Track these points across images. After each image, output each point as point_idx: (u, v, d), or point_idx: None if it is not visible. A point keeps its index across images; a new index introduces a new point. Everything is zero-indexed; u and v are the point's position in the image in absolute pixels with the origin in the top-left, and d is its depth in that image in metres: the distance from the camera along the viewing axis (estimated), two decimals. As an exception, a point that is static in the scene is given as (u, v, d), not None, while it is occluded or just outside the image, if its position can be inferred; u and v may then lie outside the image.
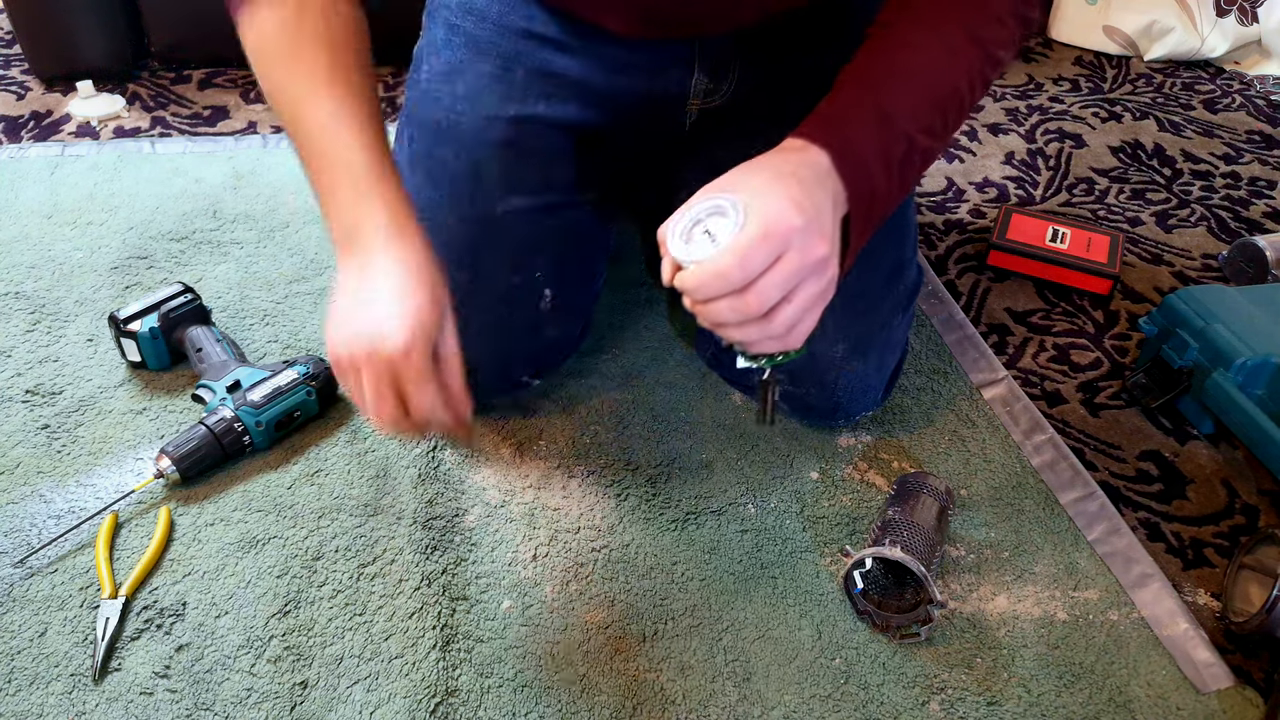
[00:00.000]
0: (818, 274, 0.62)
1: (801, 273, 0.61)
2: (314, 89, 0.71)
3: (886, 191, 0.70)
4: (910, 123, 0.69)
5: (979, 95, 0.75)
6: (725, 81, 0.93)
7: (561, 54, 0.91)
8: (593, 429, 0.99)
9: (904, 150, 0.69)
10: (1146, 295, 1.25)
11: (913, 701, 0.76)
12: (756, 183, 0.62)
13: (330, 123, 0.70)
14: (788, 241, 0.60)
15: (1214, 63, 1.87)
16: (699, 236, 0.61)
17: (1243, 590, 0.85)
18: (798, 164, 0.65)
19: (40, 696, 0.73)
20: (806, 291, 0.62)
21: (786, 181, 0.62)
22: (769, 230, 0.59)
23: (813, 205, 0.62)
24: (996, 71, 0.74)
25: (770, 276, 0.60)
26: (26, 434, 0.94)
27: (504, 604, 0.82)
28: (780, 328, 0.62)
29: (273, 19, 0.72)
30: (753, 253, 0.59)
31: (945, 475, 0.96)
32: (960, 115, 0.74)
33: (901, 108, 0.69)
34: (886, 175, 0.69)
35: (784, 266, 0.60)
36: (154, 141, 1.41)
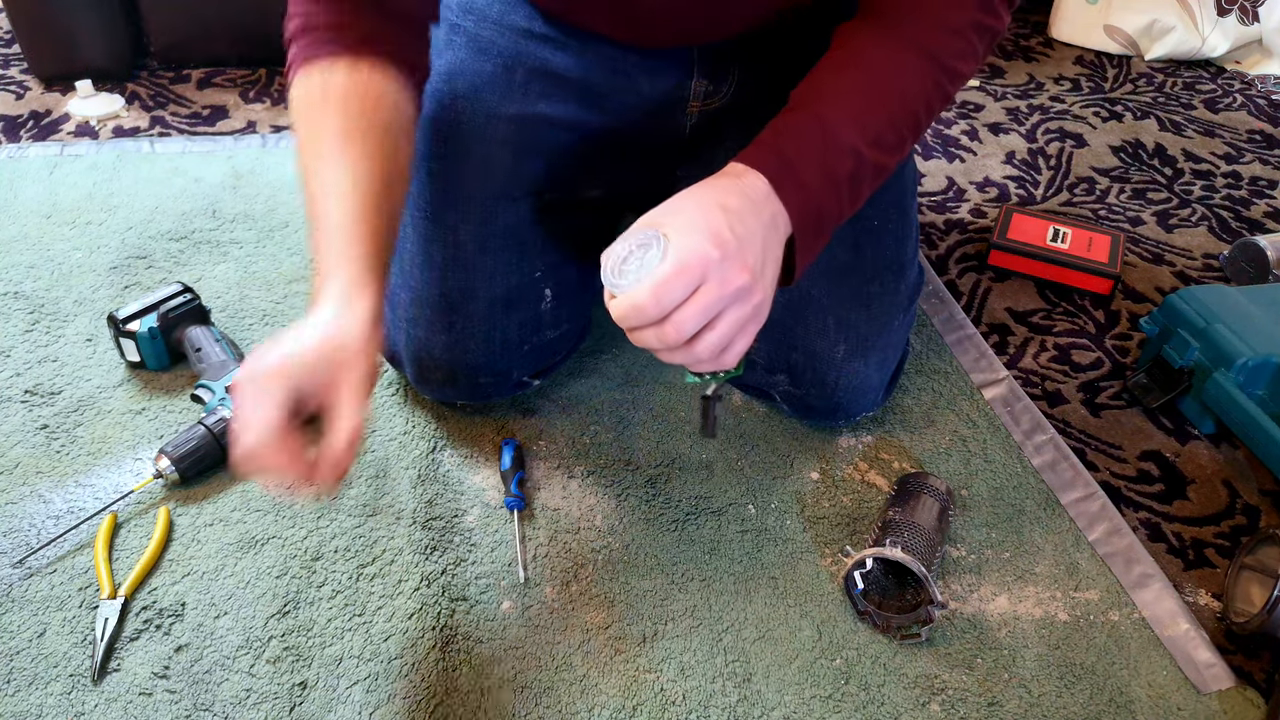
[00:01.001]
0: (740, 301, 0.64)
1: (721, 302, 0.62)
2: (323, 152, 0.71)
3: (835, 208, 0.71)
4: (857, 137, 0.70)
5: (938, 108, 0.75)
6: (725, 84, 0.93)
7: (562, 54, 0.90)
8: (593, 429, 0.98)
9: (851, 166, 0.70)
10: (1147, 295, 1.24)
11: (913, 702, 0.76)
12: (683, 218, 0.64)
13: (328, 187, 0.70)
14: (704, 274, 0.61)
15: (1215, 62, 1.87)
16: (629, 267, 0.63)
17: (1244, 591, 0.85)
18: (729, 190, 0.66)
19: (39, 697, 0.73)
20: (729, 318, 0.64)
21: (711, 213, 0.64)
22: (684, 265, 0.61)
23: (734, 236, 0.63)
24: (957, 84, 0.75)
25: (686, 309, 0.62)
26: (25, 434, 0.94)
27: (503, 604, 0.82)
28: (705, 353, 0.64)
29: (317, 81, 0.73)
30: (667, 288, 0.61)
31: (946, 475, 0.96)
32: (916, 129, 0.75)
33: (846, 124, 0.70)
34: (834, 193, 0.70)
35: (701, 298, 0.62)
36: (153, 141, 1.41)
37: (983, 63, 0.79)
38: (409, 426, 0.97)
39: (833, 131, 0.69)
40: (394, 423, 0.97)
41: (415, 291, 0.90)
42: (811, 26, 0.90)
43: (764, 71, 0.93)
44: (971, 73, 0.76)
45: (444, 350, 0.91)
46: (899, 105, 0.72)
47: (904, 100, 0.72)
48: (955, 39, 0.73)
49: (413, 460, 0.93)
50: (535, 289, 0.92)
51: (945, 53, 0.73)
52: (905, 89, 0.72)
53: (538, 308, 0.93)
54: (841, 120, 0.70)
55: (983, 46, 0.75)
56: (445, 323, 0.90)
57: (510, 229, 0.90)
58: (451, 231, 0.89)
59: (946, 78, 0.74)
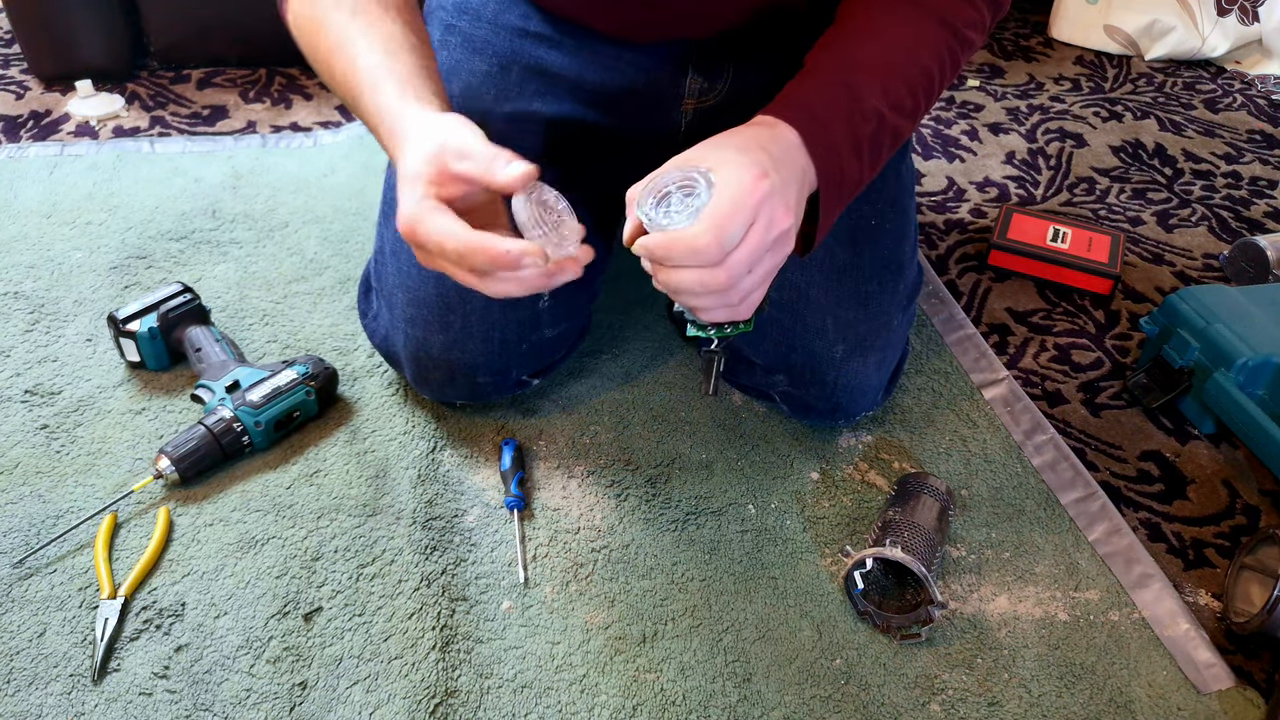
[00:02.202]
0: (779, 247, 0.63)
1: (765, 245, 0.62)
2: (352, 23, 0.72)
3: (856, 170, 0.71)
4: (879, 100, 0.70)
5: (950, 76, 0.76)
6: (720, 81, 0.93)
7: (556, 52, 0.90)
8: (593, 429, 0.98)
9: (873, 129, 0.70)
10: (1147, 295, 1.24)
11: (913, 702, 0.76)
12: (726, 154, 0.63)
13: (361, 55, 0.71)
14: (756, 212, 0.61)
15: (1215, 62, 1.87)
16: (673, 205, 0.62)
17: (1244, 591, 0.85)
18: (767, 139, 0.66)
19: (39, 697, 0.73)
20: (766, 264, 0.63)
21: (755, 152, 0.63)
22: (740, 202, 0.60)
23: (780, 177, 0.63)
24: (967, 52, 0.76)
25: (739, 252, 0.61)
26: (25, 434, 0.94)
27: (503, 604, 0.82)
28: (737, 298, 0.63)
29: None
30: (728, 227, 0.60)
31: (946, 475, 0.96)
32: (931, 95, 0.75)
33: (870, 86, 0.70)
34: (855, 154, 0.70)
35: (751, 240, 0.61)
36: (153, 141, 1.41)
37: (988, 36, 0.80)
38: (409, 426, 0.97)
39: (857, 93, 0.69)
40: (394, 423, 0.97)
41: (413, 291, 0.90)
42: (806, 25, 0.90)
43: (759, 69, 0.93)
44: (980, 43, 0.77)
45: (442, 350, 0.91)
46: (917, 70, 0.72)
47: (921, 65, 0.73)
48: (968, 8, 0.74)
49: (413, 460, 0.93)
50: (534, 288, 0.92)
51: (959, 21, 0.73)
52: (922, 54, 0.72)
53: (535, 306, 0.93)
54: (865, 83, 0.70)
55: (990, 18, 0.76)
56: (443, 322, 0.90)
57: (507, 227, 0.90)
58: None
59: (959, 45, 0.74)
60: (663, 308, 1.14)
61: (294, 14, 0.77)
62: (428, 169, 0.63)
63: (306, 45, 0.76)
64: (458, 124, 0.65)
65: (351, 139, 1.43)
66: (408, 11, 0.74)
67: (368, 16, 0.72)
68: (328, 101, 1.56)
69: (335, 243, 1.21)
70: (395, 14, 0.73)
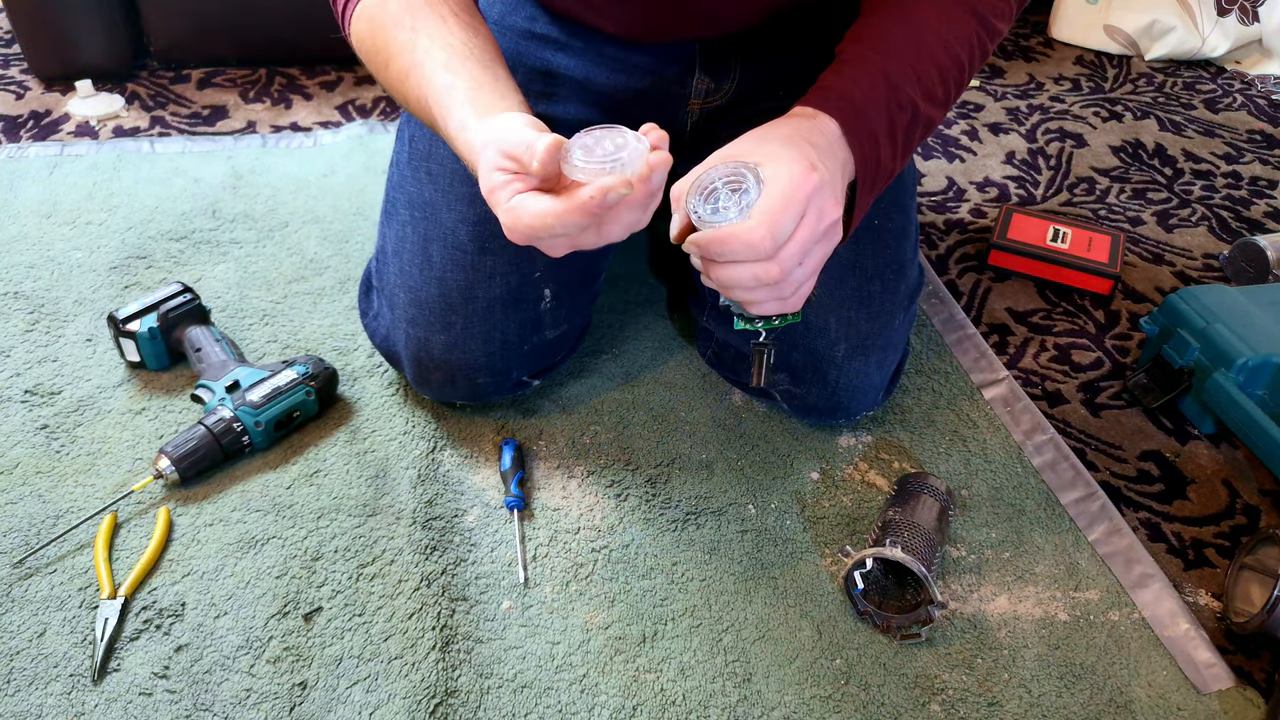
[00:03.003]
0: (829, 238, 0.64)
1: (816, 237, 0.62)
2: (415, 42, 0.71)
3: (890, 159, 0.71)
4: (914, 89, 0.70)
5: (978, 65, 0.76)
6: (727, 81, 0.93)
7: (563, 54, 0.90)
8: (593, 429, 0.98)
9: (908, 119, 0.70)
10: (1147, 295, 1.24)
11: (913, 702, 0.76)
12: (772, 148, 0.63)
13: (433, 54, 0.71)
14: (807, 204, 0.61)
15: (1215, 62, 1.87)
16: (722, 201, 0.62)
17: (1244, 590, 0.85)
18: (810, 130, 0.66)
19: (39, 697, 0.73)
20: (816, 255, 0.64)
21: (801, 145, 0.63)
22: (791, 195, 0.60)
23: (826, 168, 0.63)
24: (994, 42, 0.76)
25: (791, 244, 0.62)
26: (25, 434, 0.94)
27: (504, 604, 0.82)
28: (789, 290, 0.64)
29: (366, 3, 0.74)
30: (780, 220, 0.60)
31: (946, 475, 0.96)
32: (960, 85, 0.75)
33: (905, 75, 0.70)
34: (891, 143, 0.70)
35: (802, 232, 0.62)
36: (153, 141, 1.41)
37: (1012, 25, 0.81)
38: (409, 426, 0.97)
39: (895, 83, 0.69)
40: (394, 423, 0.97)
41: (414, 292, 0.90)
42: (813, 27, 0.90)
43: (765, 69, 0.93)
44: (1005, 33, 0.77)
45: (443, 350, 0.91)
46: (949, 59, 0.73)
47: (953, 54, 0.73)
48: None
49: (413, 460, 0.93)
50: (535, 289, 0.92)
51: (988, 11, 0.74)
52: (953, 43, 0.73)
53: (537, 308, 0.93)
54: (901, 72, 0.70)
55: (1016, 8, 0.76)
56: (444, 323, 0.90)
57: None
58: (451, 232, 0.89)
59: (988, 35, 0.74)
60: (664, 308, 1.14)
61: (357, 37, 0.76)
62: (498, 178, 0.63)
63: (374, 69, 0.76)
64: (505, 125, 0.64)
65: (351, 139, 1.43)
66: (465, 13, 0.74)
67: (428, 33, 0.71)
68: (328, 101, 1.56)
69: (335, 243, 1.21)
70: (454, 21, 0.72)
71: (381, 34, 0.73)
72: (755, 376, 0.74)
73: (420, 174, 0.91)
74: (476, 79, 0.69)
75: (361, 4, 0.75)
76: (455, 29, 0.72)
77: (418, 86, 0.71)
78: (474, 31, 0.73)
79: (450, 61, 0.70)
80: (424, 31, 0.71)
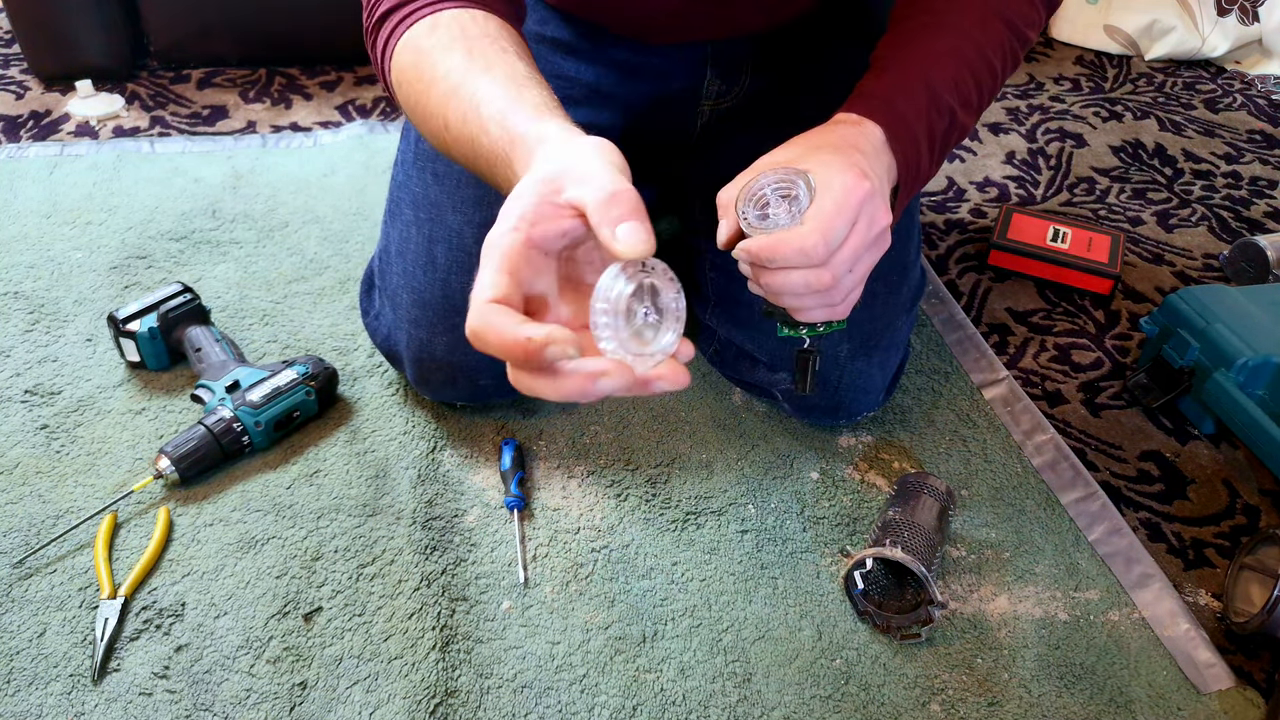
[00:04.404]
0: (878, 244, 0.64)
1: (867, 244, 0.62)
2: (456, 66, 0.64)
3: (929, 166, 0.71)
4: (953, 97, 0.70)
5: (1009, 73, 0.76)
6: (737, 84, 0.93)
7: (573, 58, 0.90)
8: (593, 429, 0.98)
9: (946, 125, 0.71)
10: (1147, 295, 1.24)
11: (913, 702, 0.76)
12: (823, 156, 0.63)
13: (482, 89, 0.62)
14: (858, 212, 0.61)
15: (1215, 62, 1.87)
16: (773, 209, 0.62)
17: (1244, 590, 0.85)
18: (857, 137, 0.66)
19: (39, 697, 0.73)
20: (866, 262, 0.64)
21: (850, 153, 0.63)
22: (843, 203, 0.60)
23: (876, 176, 0.63)
24: (1025, 49, 0.76)
25: (843, 251, 0.61)
26: (25, 434, 0.94)
27: (503, 604, 0.82)
28: (839, 297, 0.63)
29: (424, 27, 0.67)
30: (834, 227, 0.60)
31: (946, 475, 0.96)
32: (993, 92, 0.75)
33: (945, 83, 0.70)
34: (930, 150, 0.70)
35: (854, 239, 0.61)
36: (153, 141, 1.41)
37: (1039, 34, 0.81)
38: (409, 426, 0.97)
39: (935, 90, 0.69)
40: (394, 423, 0.97)
41: (418, 293, 0.90)
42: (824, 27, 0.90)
43: (776, 73, 0.93)
44: (1034, 41, 0.77)
45: (446, 351, 0.91)
46: (984, 67, 0.73)
47: (988, 63, 0.73)
48: (1027, 6, 0.74)
49: (413, 460, 0.93)
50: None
51: (1019, 19, 0.74)
52: (987, 51, 0.73)
53: (540, 310, 0.93)
54: (941, 79, 0.70)
55: (1045, 16, 0.76)
56: (447, 324, 0.90)
57: None
58: (456, 234, 0.89)
59: (1019, 43, 0.75)
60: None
61: (398, 68, 0.69)
62: (530, 197, 0.52)
63: (413, 100, 0.68)
64: (595, 147, 0.53)
65: (351, 139, 1.43)
66: (526, 52, 0.67)
67: (485, 58, 0.64)
68: (328, 101, 1.56)
69: (335, 243, 1.21)
70: (516, 52, 0.65)
71: (428, 59, 0.66)
72: (800, 384, 0.73)
73: (426, 174, 0.91)
74: (543, 100, 0.60)
75: (410, 33, 0.67)
76: (517, 61, 0.64)
77: (467, 100, 0.61)
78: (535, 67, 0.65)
79: (515, 79, 0.61)
80: (480, 56, 0.64)
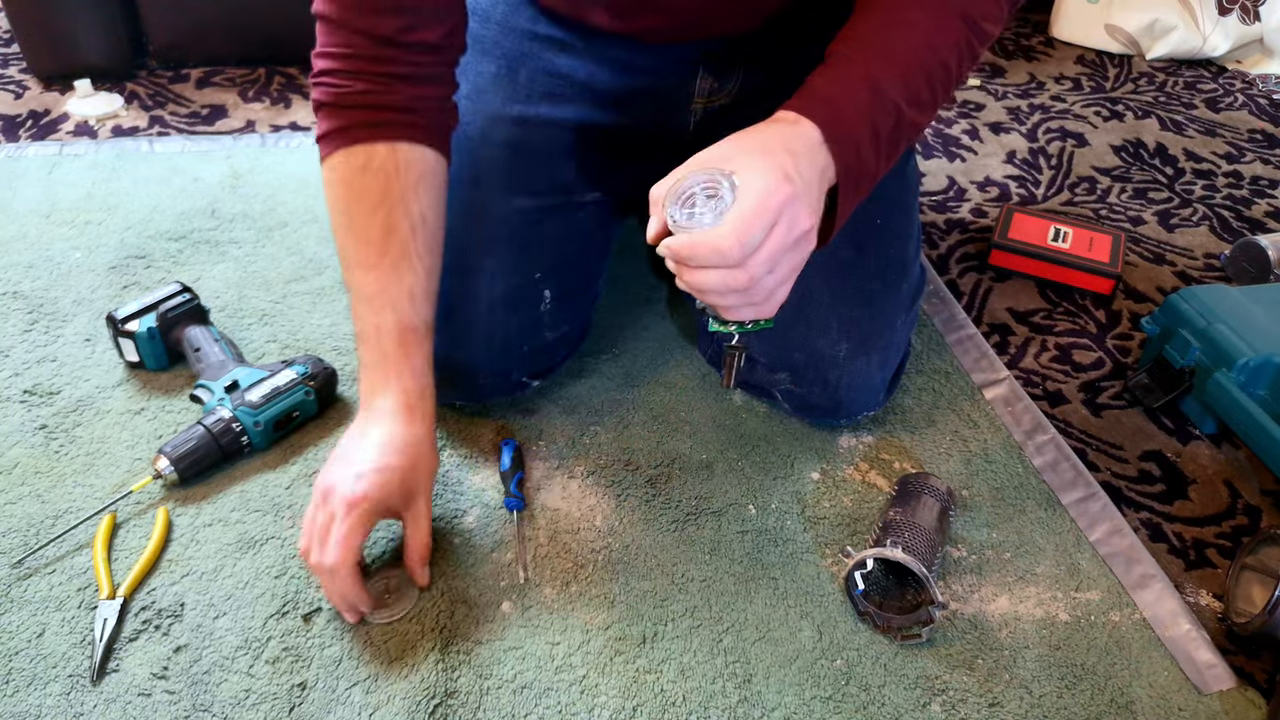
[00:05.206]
0: (800, 247, 0.64)
1: (786, 246, 0.63)
2: (364, 260, 0.78)
3: (874, 164, 0.71)
4: (900, 94, 0.70)
5: (966, 70, 0.76)
6: (730, 80, 0.93)
7: (565, 55, 0.90)
8: (593, 429, 0.98)
9: (892, 123, 0.70)
10: (1149, 295, 1.24)
11: (914, 703, 0.76)
12: (750, 158, 0.64)
13: (373, 298, 0.78)
14: (779, 215, 0.62)
15: (1216, 61, 1.87)
16: (698, 207, 0.63)
17: (1245, 591, 0.85)
18: (790, 137, 0.66)
19: (38, 698, 0.73)
20: (788, 263, 0.64)
21: (778, 154, 0.64)
22: (762, 205, 0.61)
23: (802, 178, 0.63)
24: (984, 45, 0.76)
25: (760, 253, 0.62)
26: (24, 434, 0.94)
27: (503, 605, 0.82)
28: (760, 296, 0.64)
29: (343, 167, 0.78)
30: (750, 229, 0.61)
31: (946, 476, 0.95)
32: (947, 89, 0.75)
33: (891, 80, 0.70)
34: (874, 148, 0.70)
35: (772, 242, 0.62)
36: (152, 141, 1.41)
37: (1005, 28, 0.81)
38: (408, 426, 0.96)
39: (879, 87, 0.69)
40: (393, 423, 0.97)
41: (415, 292, 0.91)
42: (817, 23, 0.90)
43: (770, 69, 0.93)
44: (996, 35, 0.77)
45: (443, 350, 0.91)
46: (936, 64, 0.72)
47: (940, 59, 0.72)
48: (989, 1, 0.73)
49: (412, 460, 0.93)
50: (535, 290, 0.92)
51: (977, 14, 0.73)
52: (941, 48, 0.72)
53: (537, 309, 0.93)
54: (887, 76, 0.70)
55: (1007, 11, 0.76)
56: (444, 323, 0.90)
57: (511, 230, 0.90)
58: (451, 233, 0.89)
59: (977, 39, 0.74)
60: (664, 308, 1.14)
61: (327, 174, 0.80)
62: (376, 494, 0.75)
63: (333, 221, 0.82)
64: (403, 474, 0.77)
65: (351, 138, 1.43)
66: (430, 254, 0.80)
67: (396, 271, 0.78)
68: (327, 101, 1.56)
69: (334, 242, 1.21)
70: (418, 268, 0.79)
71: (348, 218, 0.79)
72: (726, 378, 0.75)
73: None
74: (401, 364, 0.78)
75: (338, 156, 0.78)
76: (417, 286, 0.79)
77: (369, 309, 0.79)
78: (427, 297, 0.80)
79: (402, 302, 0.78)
80: (393, 266, 0.78)
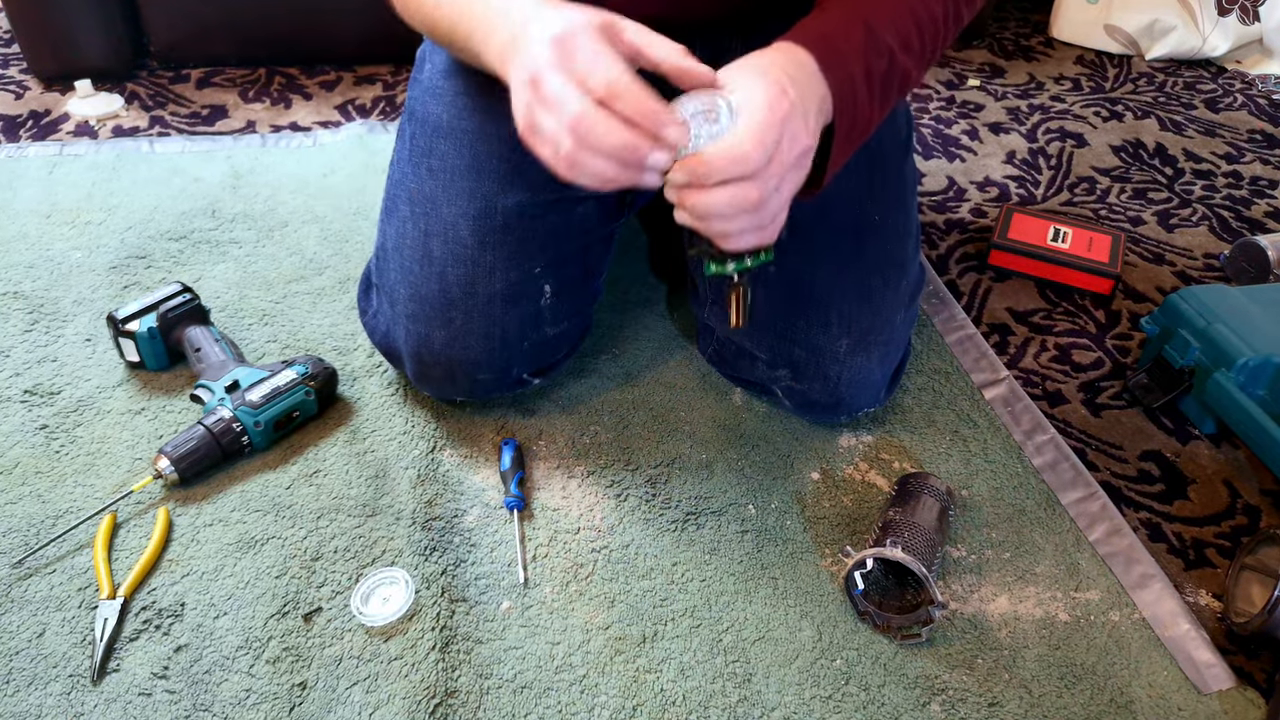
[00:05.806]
0: (800, 165, 0.64)
1: (791, 161, 0.63)
2: None
3: (868, 107, 0.71)
4: (893, 37, 0.71)
5: (952, 30, 0.76)
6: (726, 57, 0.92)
7: None
8: (593, 429, 0.98)
9: (885, 66, 0.71)
10: (1148, 295, 1.24)
11: (914, 703, 0.76)
12: (745, 77, 0.64)
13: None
14: (782, 128, 0.61)
15: (1215, 62, 1.87)
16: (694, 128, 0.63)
17: (1244, 591, 0.85)
18: (786, 61, 0.66)
19: (39, 697, 0.73)
20: (791, 181, 0.64)
21: (773, 72, 0.64)
22: (770, 117, 0.61)
23: (798, 94, 0.63)
24: (971, 11, 0.77)
25: (771, 166, 0.62)
26: (25, 434, 0.94)
27: (503, 605, 0.82)
28: (768, 217, 0.64)
29: None
30: (767, 136, 0.60)
31: (946, 475, 0.95)
32: (936, 45, 0.76)
33: (884, 24, 0.70)
34: (869, 89, 0.70)
35: (780, 154, 0.62)
36: (152, 141, 1.41)
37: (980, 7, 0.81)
38: (409, 426, 0.96)
39: (873, 28, 0.70)
40: (394, 423, 0.97)
41: (414, 287, 0.90)
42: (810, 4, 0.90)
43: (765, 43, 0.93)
44: (980, 5, 0.78)
45: (443, 346, 0.91)
46: (925, 13, 0.73)
47: (929, 10, 0.73)
48: None
49: (413, 460, 0.93)
50: (535, 285, 0.92)
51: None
52: (931, 2, 0.73)
53: (538, 304, 0.93)
54: (879, 20, 0.70)
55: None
56: (444, 318, 0.90)
57: (510, 225, 0.90)
58: (451, 227, 0.89)
59: (965, 3, 0.75)
60: (664, 308, 1.14)
61: None
62: (596, 18, 0.61)
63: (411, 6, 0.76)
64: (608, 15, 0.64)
65: (351, 139, 1.43)
66: None
67: None
68: (327, 101, 1.56)
69: (335, 242, 1.21)
70: None
71: None
72: (733, 317, 0.72)
73: (421, 169, 0.91)
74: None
75: None
76: None
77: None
78: None
79: None
80: None
